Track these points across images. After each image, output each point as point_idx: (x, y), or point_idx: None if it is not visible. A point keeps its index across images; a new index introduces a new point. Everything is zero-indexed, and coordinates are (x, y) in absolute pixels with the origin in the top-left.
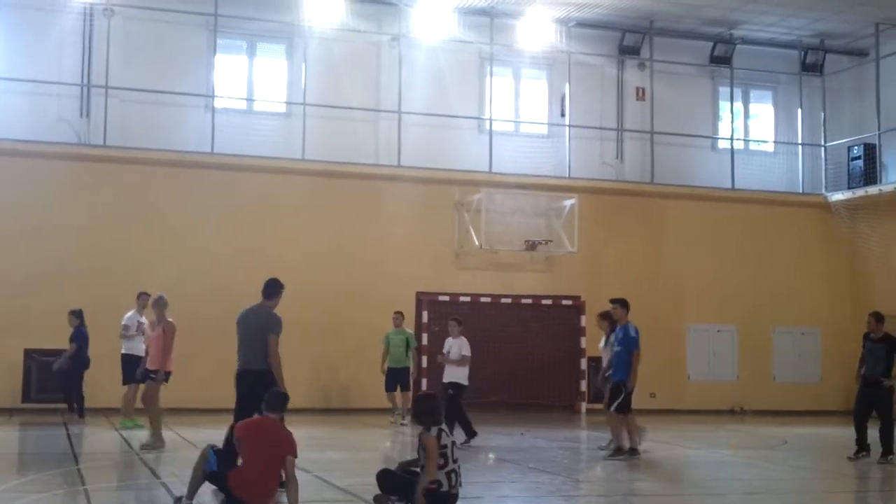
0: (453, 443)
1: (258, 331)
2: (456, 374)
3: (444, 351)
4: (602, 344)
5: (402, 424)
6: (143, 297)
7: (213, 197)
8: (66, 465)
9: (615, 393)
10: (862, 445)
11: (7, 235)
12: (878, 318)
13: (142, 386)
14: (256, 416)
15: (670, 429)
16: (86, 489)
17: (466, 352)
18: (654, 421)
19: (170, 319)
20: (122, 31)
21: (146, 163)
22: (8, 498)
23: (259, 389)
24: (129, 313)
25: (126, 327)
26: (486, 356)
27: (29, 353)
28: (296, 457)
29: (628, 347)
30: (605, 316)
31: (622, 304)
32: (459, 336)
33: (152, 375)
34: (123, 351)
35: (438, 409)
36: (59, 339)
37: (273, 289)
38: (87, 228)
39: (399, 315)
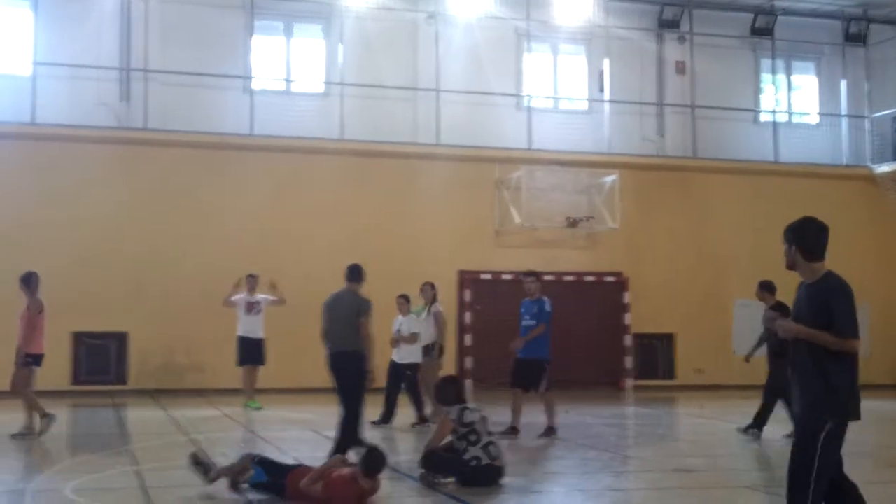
0: (483, 418)
1: (348, 314)
2: (411, 354)
3: (395, 329)
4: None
5: None
6: (250, 279)
7: (253, 178)
8: (117, 445)
9: (538, 372)
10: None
11: (50, 220)
12: (762, 286)
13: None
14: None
15: (717, 404)
16: (137, 469)
17: (416, 329)
18: (701, 397)
19: (38, 297)
20: (160, 13)
21: (186, 145)
22: (62, 479)
23: (352, 369)
24: (238, 295)
25: (231, 301)
26: None
27: (77, 336)
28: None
29: (541, 322)
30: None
31: (538, 277)
32: (409, 313)
33: (28, 360)
34: (239, 333)
35: (454, 389)
36: (106, 321)
37: (358, 273)
38: (128, 211)
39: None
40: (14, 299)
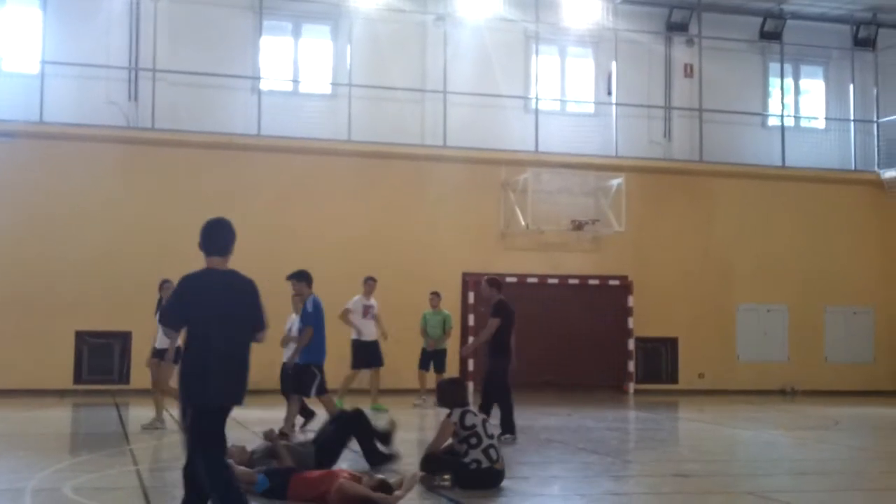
0: (484, 420)
1: None
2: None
3: (287, 328)
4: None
5: (415, 405)
6: (369, 281)
7: (260, 178)
8: (118, 445)
9: (308, 376)
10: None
11: (57, 219)
12: (490, 282)
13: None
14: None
15: (720, 409)
16: (137, 469)
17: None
18: (703, 401)
19: None
20: (169, 13)
21: (193, 145)
22: (61, 478)
23: None
24: (355, 297)
25: (348, 310)
26: (532, 337)
27: (80, 335)
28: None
29: (306, 323)
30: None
31: (298, 277)
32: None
33: None
34: (353, 336)
35: (457, 391)
36: (109, 321)
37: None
38: (135, 211)
39: (435, 296)
40: (23, 294)
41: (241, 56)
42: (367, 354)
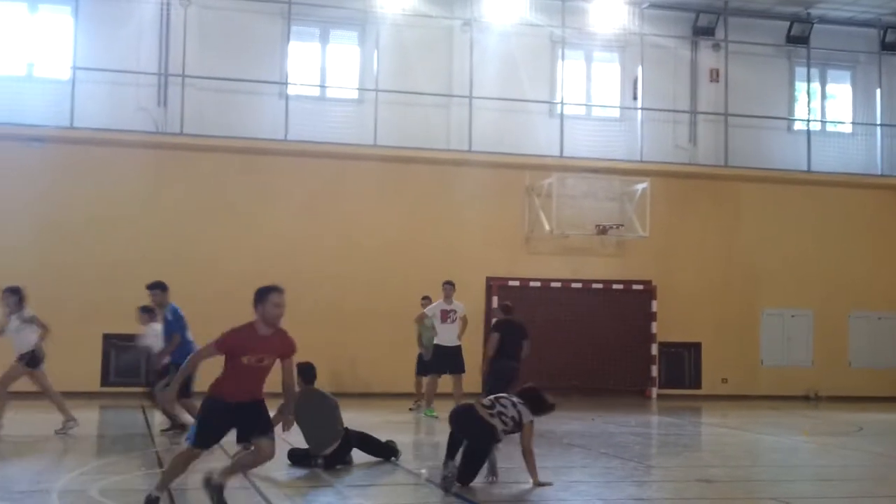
0: (519, 411)
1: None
2: None
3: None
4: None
5: (409, 409)
6: (446, 286)
7: (287, 183)
8: (144, 447)
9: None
10: None
11: (86, 223)
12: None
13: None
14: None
15: (743, 414)
16: (163, 471)
17: None
18: (726, 407)
19: None
20: (198, 19)
21: (221, 150)
22: (89, 480)
23: None
24: (435, 302)
25: (424, 315)
26: (556, 342)
27: (108, 338)
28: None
29: (169, 332)
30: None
31: (161, 287)
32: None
33: None
34: (434, 342)
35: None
36: (136, 323)
37: None
38: (164, 215)
39: (427, 300)
40: (52, 297)
41: (269, 61)
42: (445, 359)
